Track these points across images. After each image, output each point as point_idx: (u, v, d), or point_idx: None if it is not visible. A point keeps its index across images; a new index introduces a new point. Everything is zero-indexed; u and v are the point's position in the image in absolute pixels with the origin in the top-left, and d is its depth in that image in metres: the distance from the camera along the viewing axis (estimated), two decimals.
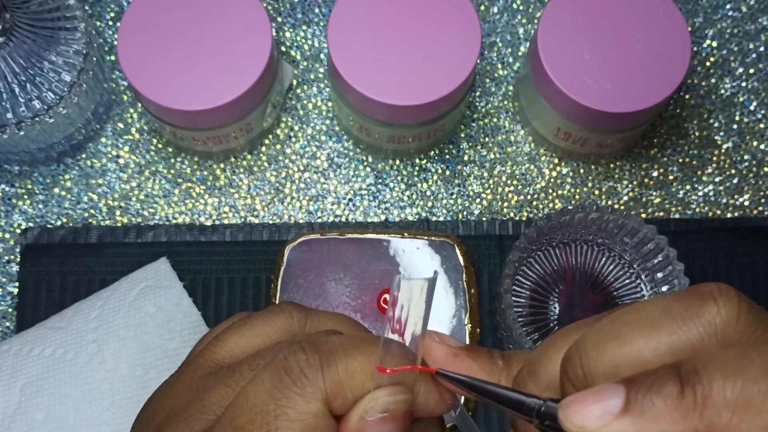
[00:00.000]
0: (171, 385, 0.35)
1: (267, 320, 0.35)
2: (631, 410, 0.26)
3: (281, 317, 0.35)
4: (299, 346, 0.31)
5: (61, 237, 0.62)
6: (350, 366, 0.30)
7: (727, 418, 0.25)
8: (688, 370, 0.26)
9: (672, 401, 0.25)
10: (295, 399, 0.30)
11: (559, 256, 0.60)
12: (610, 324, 0.28)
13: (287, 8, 0.68)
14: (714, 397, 0.25)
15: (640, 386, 0.26)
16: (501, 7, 0.68)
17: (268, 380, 0.30)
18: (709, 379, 0.25)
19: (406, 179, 0.65)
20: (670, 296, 0.28)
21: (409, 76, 0.56)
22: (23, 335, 0.58)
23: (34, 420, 0.56)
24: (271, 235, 0.63)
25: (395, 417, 0.31)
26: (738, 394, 0.25)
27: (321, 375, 0.30)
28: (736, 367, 0.25)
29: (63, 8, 0.59)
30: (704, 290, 0.28)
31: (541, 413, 0.28)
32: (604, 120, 0.58)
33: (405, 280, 0.31)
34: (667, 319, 0.27)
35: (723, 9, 0.69)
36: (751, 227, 0.64)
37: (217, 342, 0.35)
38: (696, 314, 0.27)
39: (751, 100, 0.67)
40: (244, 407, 0.30)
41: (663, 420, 0.25)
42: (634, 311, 0.28)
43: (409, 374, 0.31)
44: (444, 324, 0.59)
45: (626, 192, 0.65)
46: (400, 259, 0.60)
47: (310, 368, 0.30)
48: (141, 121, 0.66)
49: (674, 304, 0.28)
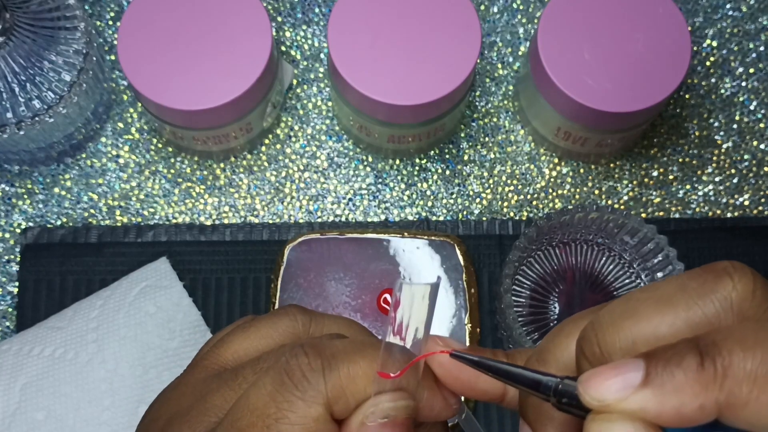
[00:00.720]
0: (175, 388, 0.35)
1: (271, 323, 0.35)
2: (651, 383, 0.26)
3: (286, 320, 0.35)
4: (301, 349, 0.31)
5: (61, 237, 0.62)
6: (352, 370, 0.30)
7: (748, 389, 0.25)
8: (707, 343, 0.26)
9: (692, 373, 0.25)
10: (296, 402, 0.30)
11: (559, 255, 0.60)
12: (626, 302, 0.28)
13: (287, 8, 0.68)
14: (734, 368, 0.25)
15: (660, 359, 0.26)
16: (501, 6, 0.68)
17: (269, 383, 0.30)
18: (729, 351, 0.25)
19: (406, 179, 0.65)
20: (685, 274, 0.28)
21: (409, 76, 0.56)
22: (23, 335, 0.58)
23: (34, 419, 0.56)
24: (271, 234, 0.63)
25: (396, 423, 0.31)
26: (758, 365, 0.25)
27: (323, 379, 0.30)
28: (756, 339, 0.25)
29: (63, 8, 0.59)
30: (719, 267, 0.28)
31: (559, 391, 0.28)
32: (604, 119, 0.58)
33: (407, 285, 0.31)
34: (683, 296, 0.27)
35: (723, 9, 0.69)
36: (751, 227, 0.64)
37: (221, 344, 0.35)
38: (711, 290, 0.27)
39: (751, 100, 0.67)
40: (245, 410, 0.30)
41: (683, 392, 0.25)
42: (650, 290, 0.28)
43: (412, 380, 0.31)
44: (444, 323, 0.59)
45: (626, 192, 0.65)
46: (400, 258, 0.60)
47: (312, 372, 0.30)
48: (141, 120, 0.66)
49: (689, 282, 0.28)
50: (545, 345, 0.31)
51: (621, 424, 0.26)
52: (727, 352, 0.25)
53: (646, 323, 0.27)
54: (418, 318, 0.31)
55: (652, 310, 0.28)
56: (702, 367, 0.25)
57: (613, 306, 0.28)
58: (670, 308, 0.27)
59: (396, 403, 0.31)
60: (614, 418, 0.26)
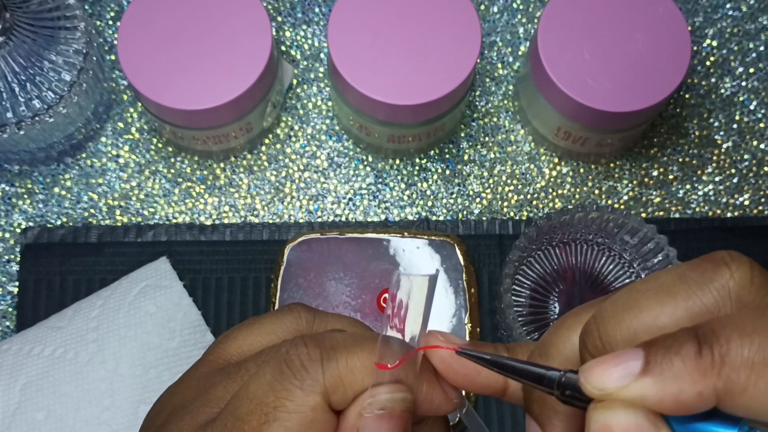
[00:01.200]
0: (180, 382, 0.36)
1: (276, 320, 0.36)
2: (651, 371, 0.26)
3: (290, 317, 0.36)
4: (302, 340, 0.31)
5: (61, 236, 0.62)
6: (351, 362, 0.31)
7: (746, 375, 0.25)
8: (706, 331, 0.26)
9: (691, 361, 0.25)
10: (294, 391, 0.30)
11: (559, 255, 0.60)
12: (627, 294, 0.28)
13: (287, 8, 0.68)
14: (732, 355, 0.25)
15: (659, 348, 0.26)
16: (501, 6, 0.68)
17: (269, 373, 0.31)
18: (726, 338, 0.25)
19: (406, 179, 0.65)
20: (684, 265, 0.28)
21: (409, 76, 0.57)
22: (23, 334, 0.58)
23: (34, 419, 0.56)
24: (271, 234, 0.63)
25: (393, 415, 0.31)
26: (756, 351, 0.25)
27: (321, 369, 0.30)
28: (754, 326, 0.26)
29: (63, 8, 0.59)
30: (716, 257, 0.28)
31: (562, 383, 0.28)
32: (604, 119, 0.58)
33: (405, 276, 0.31)
34: (683, 286, 0.28)
35: (723, 8, 0.69)
36: (751, 227, 0.64)
37: (225, 340, 0.36)
38: (710, 279, 0.28)
39: (751, 100, 0.67)
40: (244, 399, 0.31)
41: (682, 379, 0.25)
42: (650, 281, 0.28)
43: (410, 373, 0.31)
44: (444, 323, 0.59)
45: (626, 191, 0.65)
46: (400, 258, 0.60)
47: (311, 362, 0.31)
48: (141, 120, 0.66)
49: (688, 272, 0.28)
50: (547, 338, 0.32)
51: (622, 411, 0.26)
52: (725, 339, 0.25)
53: (647, 314, 0.28)
54: (416, 310, 0.31)
55: (653, 300, 0.28)
56: (700, 355, 0.25)
57: (614, 298, 0.29)
58: (670, 298, 0.28)
59: (393, 395, 0.31)
60: (615, 406, 0.26)
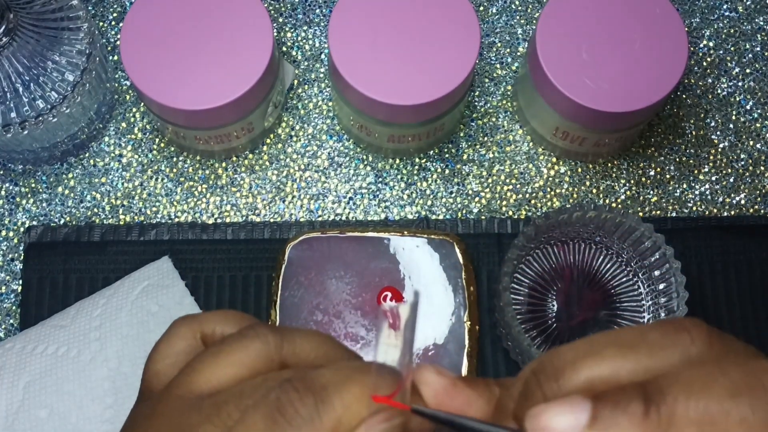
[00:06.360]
0: (149, 418, 0.33)
1: (242, 347, 0.34)
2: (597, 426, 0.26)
3: (257, 343, 0.34)
4: (290, 385, 0.30)
5: (64, 235, 0.63)
6: (345, 399, 0.30)
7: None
8: (654, 389, 0.26)
9: (637, 419, 0.25)
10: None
11: (557, 254, 0.60)
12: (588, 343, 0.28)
13: (288, 9, 0.68)
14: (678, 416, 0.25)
15: (607, 403, 0.26)
16: (500, 7, 0.69)
17: (260, 421, 0.30)
18: (674, 398, 0.25)
19: (405, 178, 0.66)
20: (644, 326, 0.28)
21: (409, 76, 0.57)
22: (27, 333, 0.59)
23: (37, 417, 0.56)
24: (273, 233, 0.63)
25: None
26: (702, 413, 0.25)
27: (317, 414, 0.30)
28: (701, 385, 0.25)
29: (66, 8, 0.59)
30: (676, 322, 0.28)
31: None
32: (602, 119, 0.58)
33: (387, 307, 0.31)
34: (645, 344, 0.28)
35: (720, 9, 0.69)
36: (747, 226, 0.64)
37: (191, 372, 0.34)
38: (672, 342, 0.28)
39: (747, 100, 0.67)
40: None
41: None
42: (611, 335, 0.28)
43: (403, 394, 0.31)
44: (443, 322, 0.59)
45: (623, 191, 0.66)
46: (400, 257, 0.60)
47: (305, 408, 0.30)
48: (143, 120, 0.66)
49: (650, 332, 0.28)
50: None
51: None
52: (672, 399, 0.25)
53: (608, 364, 0.27)
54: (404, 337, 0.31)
55: (615, 352, 0.27)
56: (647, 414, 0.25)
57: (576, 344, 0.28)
58: (633, 353, 0.27)
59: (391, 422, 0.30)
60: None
